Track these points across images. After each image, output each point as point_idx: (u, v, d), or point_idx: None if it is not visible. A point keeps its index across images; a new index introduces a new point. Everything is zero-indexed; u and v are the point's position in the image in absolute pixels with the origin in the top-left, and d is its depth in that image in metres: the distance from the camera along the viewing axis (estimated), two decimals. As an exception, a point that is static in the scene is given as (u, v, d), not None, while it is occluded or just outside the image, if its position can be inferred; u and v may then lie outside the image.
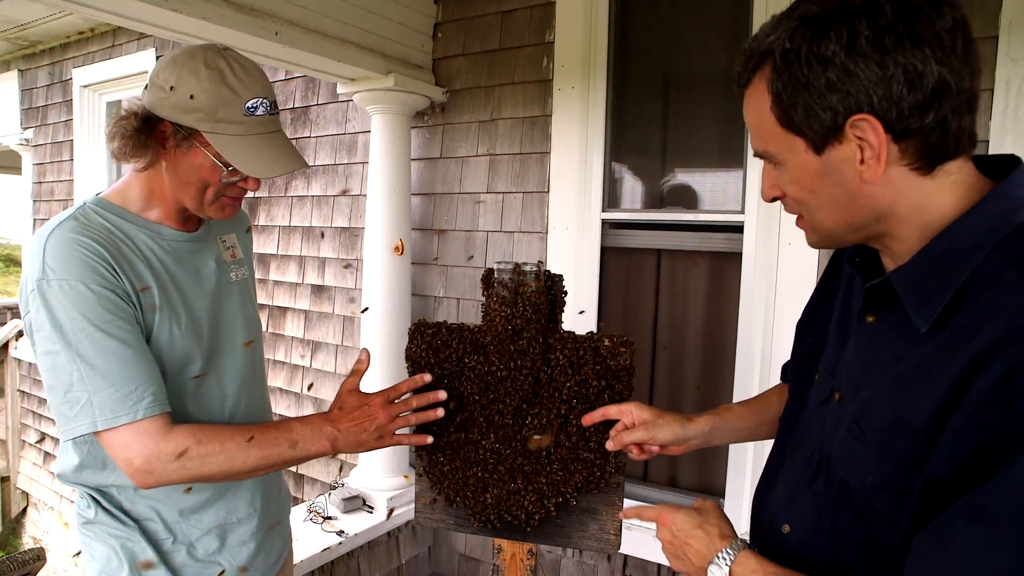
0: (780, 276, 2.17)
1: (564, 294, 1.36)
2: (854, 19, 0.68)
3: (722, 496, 2.36)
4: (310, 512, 2.66)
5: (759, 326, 2.22)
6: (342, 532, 2.54)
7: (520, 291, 1.29)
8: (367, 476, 2.81)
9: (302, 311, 3.39)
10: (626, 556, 2.44)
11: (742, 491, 2.28)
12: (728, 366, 2.34)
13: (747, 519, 1.93)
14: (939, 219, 0.74)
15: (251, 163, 1.18)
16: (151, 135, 1.17)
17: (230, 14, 1.97)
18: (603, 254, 2.54)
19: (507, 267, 1.31)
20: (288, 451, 1.19)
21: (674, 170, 2.50)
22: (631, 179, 2.60)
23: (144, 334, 1.17)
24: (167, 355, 1.20)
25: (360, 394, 1.27)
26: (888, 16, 0.67)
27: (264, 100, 1.19)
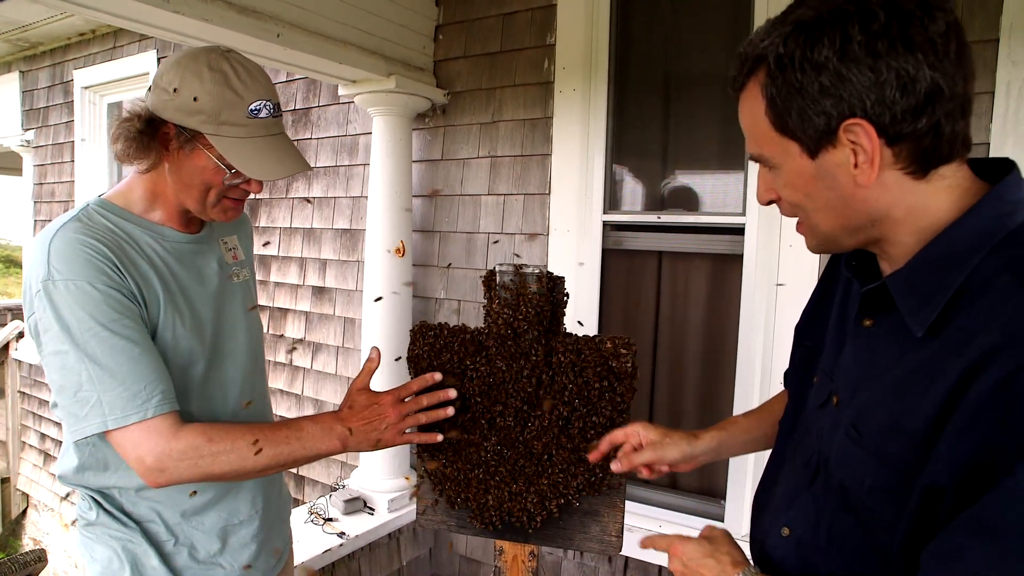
0: (781, 278, 2.17)
1: (565, 296, 1.37)
2: (847, 24, 0.68)
3: (723, 498, 2.36)
4: (311, 513, 2.66)
5: (760, 328, 2.22)
6: (343, 533, 2.54)
7: (522, 293, 1.29)
8: (368, 478, 2.80)
9: (303, 312, 3.40)
10: (627, 558, 2.44)
11: (743, 493, 2.28)
12: (729, 368, 2.34)
13: (748, 521, 1.93)
14: (934, 223, 0.74)
15: (254, 165, 1.18)
16: (154, 137, 1.18)
17: (232, 16, 1.98)
18: (604, 256, 2.54)
19: (509, 269, 1.31)
20: (299, 450, 1.19)
21: (675, 172, 2.50)
22: (632, 181, 2.60)
23: (149, 332, 1.17)
24: (171, 354, 1.20)
25: (370, 393, 1.27)
26: (881, 21, 0.67)
27: (267, 102, 1.19)
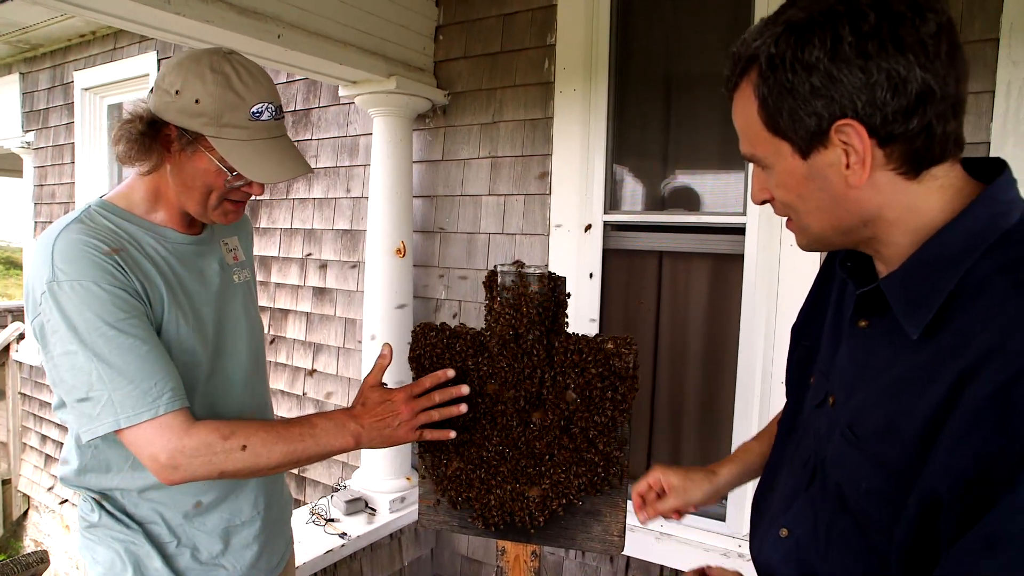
0: (782, 278, 2.17)
1: (567, 296, 1.37)
2: (838, 25, 0.68)
3: (724, 497, 2.35)
4: (312, 514, 2.66)
5: (761, 328, 2.22)
6: (344, 534, 2.54)
7: (523, 293, 1.29)
8: (369, 478, 2.80)
9: (304, 313, 3.40)
10: (629, 558, 2.44)
11: (744, 493, 2.28)
12: (730, 368, 2.34)
13: (748, 521, 1.93)
14: (928, 223, 0.74)
15: (255, 168, 1.18)
16: (156, 139, 1.18)
17: (232, 17, 1.98)
18: (605, 256, 2.55)
19: (510, 269, 1.31)
20: (312, 447, 1.18)
21: (675, 172, 2.50)
22: (632, 181, 2.60)
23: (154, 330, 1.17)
24: (175, 354, 1.20)
25: (382, 390, 1.26)
26: (871, 22, 0.67)
27: (269, 105, 1.19)
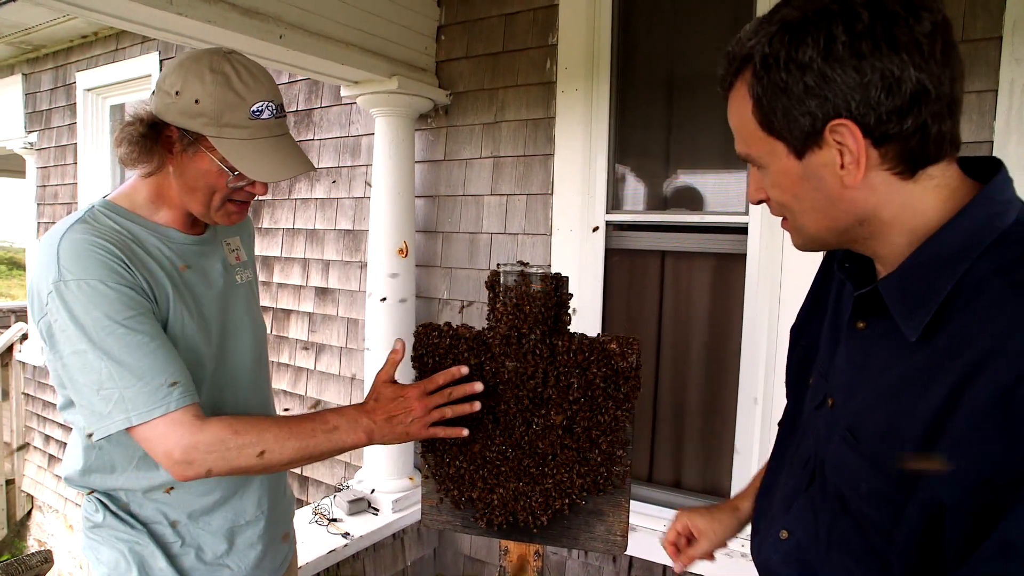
0: (784, 277, 2.17)
1: (569, 296, 1.37)
2: (831, 24, 0.67)
3: (727, 497, 2.35)
4: (315, 514, 2.66)
5: (763, 327, 2.22)
6: (347, 534, 2.54)
7: (526, 293, 1.29)
8: (372, 478, 2.81)
9: (306, 313, 3.40)
10: (632, 557, 2.44)
11: (747, 492, 2.28)
12: (733, 367, 2.34)
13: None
14: (924, 223, 0.73)
15: (257, 167, 1.18)
16: (158, 140, 1.18)
17: (235, 17, 1.98)
18: (607, 256, 2.54)
19: (512, 269, 1.31)
20: (324, 443, 1.18)
21: (678, 172, 2.50)
22: (635, 181, 2.60)
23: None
24: (181, 351, 1.20)
25: (396, 385, 1.26)
26: (865, 22, 0.66)
27: (270, 104, 1.18)
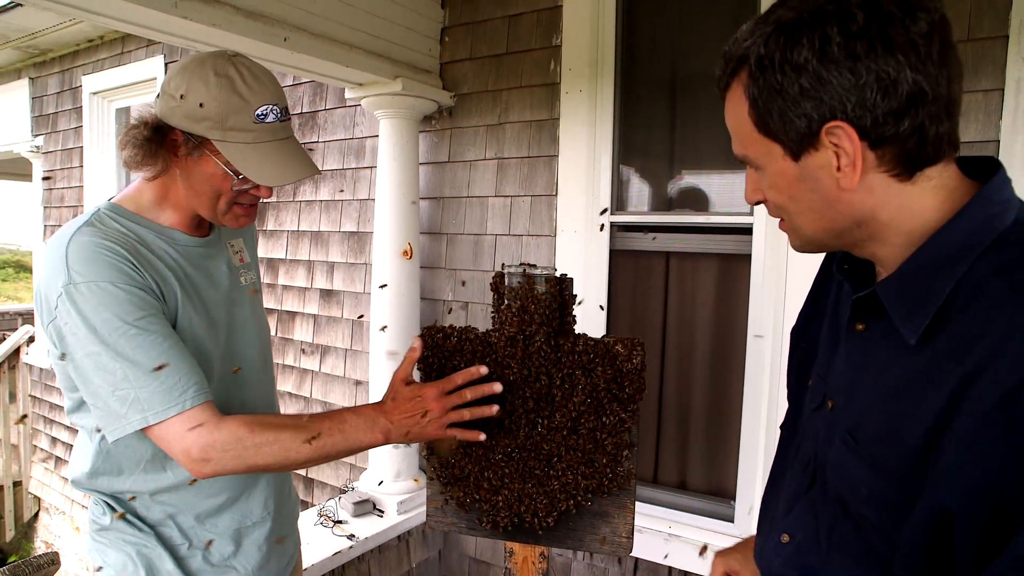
0: (789, 278, 2.16)
1: (573, 297, 1.36)
2: (826, 25, 0.67)
3: (732, 499, 2.35)
4: (320, 516, 2.66)
5: (768, 328, 2.21)
6: (352, 536, 2.54)
7: (530, 294, 1.29)
8: (377, 480, 2.81)
9: (311, 315, 3.41)
10: (637, 559, 2.44)
11: (752, 494, 2.27)
12: (738, 368, 2.33)
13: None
14: (923, 224, 0.73)
15: (261, 171, 1.18)
16: (162, 144, 1.18)
17: (240, 20, 1.98)
18: (611, 257, 2.54)
19: (517, 270, 1.31)
20: (341, 442, 1.18)
21: (682, 172, 2.50)
22: (639, 182, 2.60)
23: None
24: (190, 351, 1.20)
25: (414, 385, 1.25)
26: (860, 22, 0.66)
27: (274, 107, 1.18)
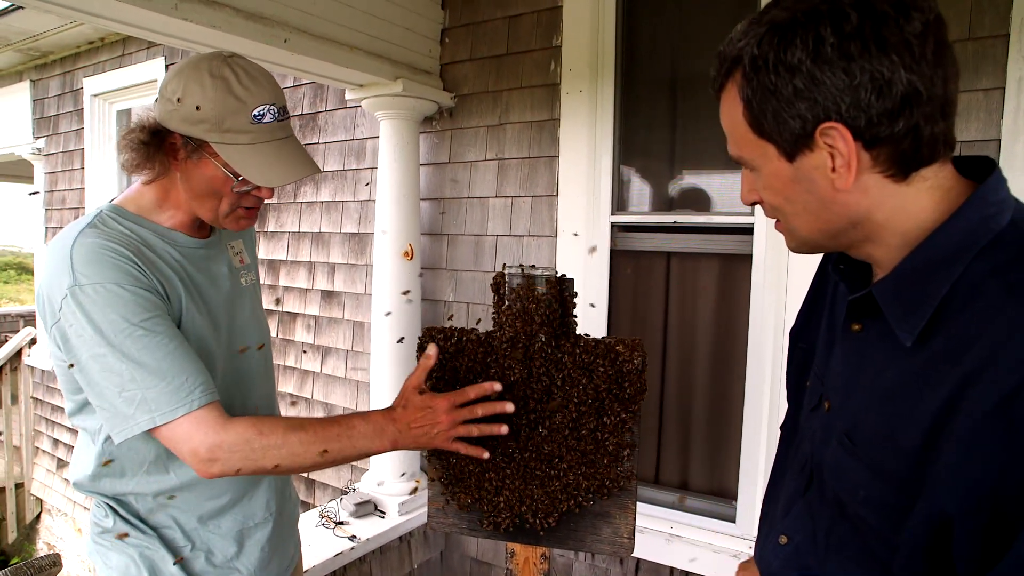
0: (791, 278, 2.16)
1: (574, 297, 1.36)
2: (820, 25, 0.66)
3: (734, 499, 2.35)
4: (322, 517, 2.66)
5: (770, 328, 2.21)
6: (354, 537, 2.54)
7: (531, 295, 1.29)
8: (378, 481, 2.81)
9: (312, 316, 3.41)
10: (639, 560, 2.43)
11: (754, 494, 2.27)
12: (739, 369, 2.33)
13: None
14: (918, 225, 0.72)
15: (260, 172, 1.17)
16: (160, 148, 1.18)
17: (239, 22, 1.99)
18: (612, 257, 2.54)
19: (517, 271, 1.31)
20: (348, 448, 1.18)
21: (683, 172, 2.50)
22: (640, 182, 2.60)
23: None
24: (194, 350, 1.20)
25: (426, 395, 1.24)
26: (853, 23, 0.65)
27: (272, 107, 1.18)
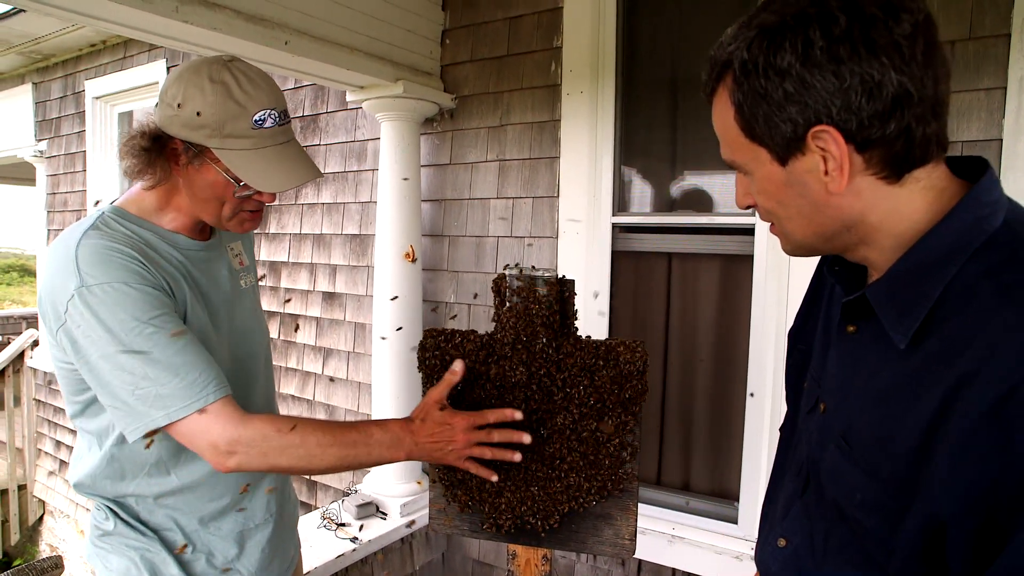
0: (792, 278, 2.16)
1: (575, 298, 1.36)
2: (808, 29, 0.66)
3: (736, 500, 2.35)
4: (324, 519, 2.66)
5: (771, 329, 2.21)
6: (356, 539, 2.54)
7: (532, 297, 1.29)
8: (380, 482, 2.81)
9: (313, 318, 3.41)
10: (640, 561, 2.43)
11: (756, 495, 2.26)
12: (740, 369, 2.33)
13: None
14: (912, 227, 0.72)
15: (261, 177, 1.17)
16: (161, 153, 1.18)
17: (240, 24, 1.99)
18: (613, 258, 2.54)
19: (518, 272, 1.31)
20: (364, 455, 1.19)
21: (684, 173, 2.49)
22: (641, 182, 2.59)
23: None
24: None
25: (446, 411, 1.24)
26: (842, 25, 0.65)
27: (272, 111, 1.17)
